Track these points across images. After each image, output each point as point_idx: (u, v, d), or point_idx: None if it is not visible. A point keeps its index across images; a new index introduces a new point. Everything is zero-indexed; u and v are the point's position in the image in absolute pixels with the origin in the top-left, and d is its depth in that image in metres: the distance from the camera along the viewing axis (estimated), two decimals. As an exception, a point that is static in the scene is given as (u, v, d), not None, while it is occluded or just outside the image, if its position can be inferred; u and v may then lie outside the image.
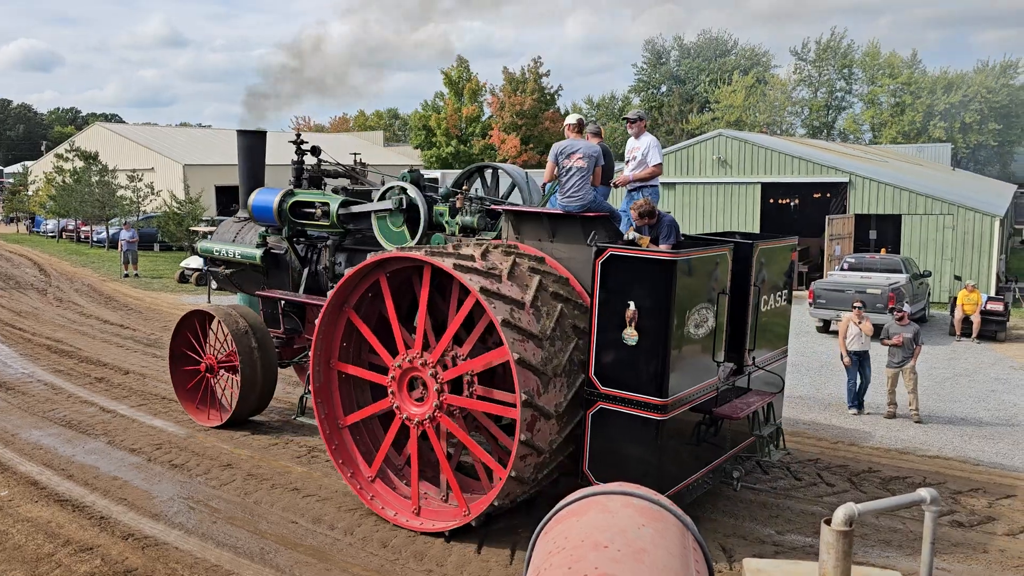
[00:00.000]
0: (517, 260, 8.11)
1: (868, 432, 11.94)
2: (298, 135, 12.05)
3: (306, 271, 11.69)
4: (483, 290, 7.56)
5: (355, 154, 12.26)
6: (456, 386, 8.31)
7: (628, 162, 9.36)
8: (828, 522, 3.35)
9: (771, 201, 29.92)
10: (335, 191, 11.35)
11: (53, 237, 44.29)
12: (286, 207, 11.49)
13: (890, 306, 18.21)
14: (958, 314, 19.06)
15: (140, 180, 37.66)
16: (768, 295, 9.09)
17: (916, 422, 12.31)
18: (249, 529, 8.33)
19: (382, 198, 10.40)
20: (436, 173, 34.44)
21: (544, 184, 9.63)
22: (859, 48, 63.66)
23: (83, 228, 41.38)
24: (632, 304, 7.52)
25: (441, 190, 10.71)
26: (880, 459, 10.76)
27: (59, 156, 40.13)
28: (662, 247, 8.05)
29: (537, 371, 7.51)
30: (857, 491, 9.59)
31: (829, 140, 57.27)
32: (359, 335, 9.03)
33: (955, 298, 19.58)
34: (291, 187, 11.79)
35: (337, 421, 9.17)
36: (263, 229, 12.17)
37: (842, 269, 21.18)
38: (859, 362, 12.80)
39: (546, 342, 7.66)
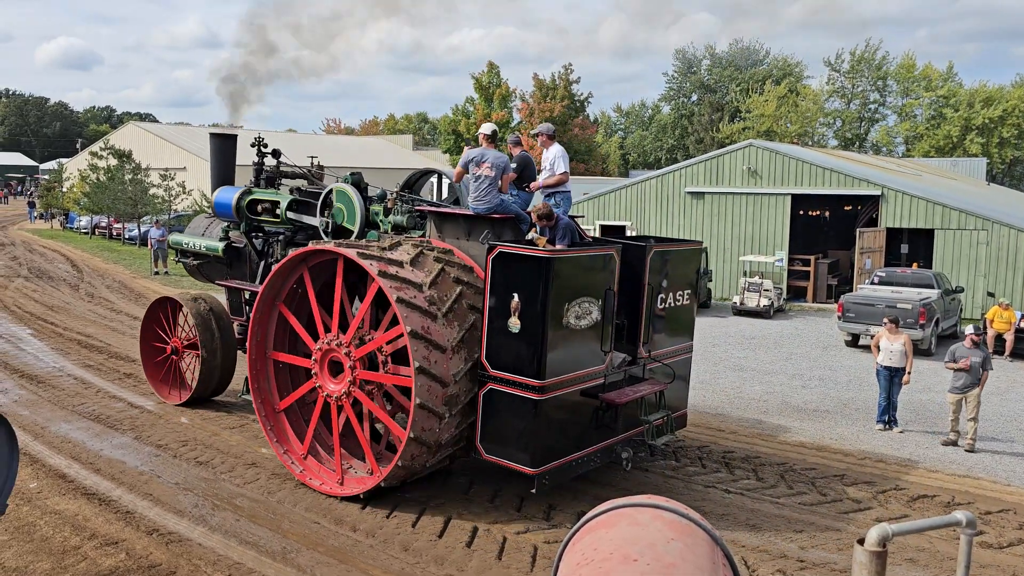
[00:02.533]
0: (403, 242, 9.18)
1: (896, 449, 11.76)
2: (259, 138, 12.68)
3: (262, 263, 12.41)
4: (360, 254, 8.59)
5: (312, 157, 13.19)
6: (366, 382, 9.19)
7: (541, 171, 10.11)
8: (862, 542, 3.29)
9: (801, 213, 29.66)
10: (291, 191, 12.11)
11: (86, 234, 44.92)
12: (243, 204, 12.39)
13: (920, 321, 17.97)
14: (991, 332, 18.74)
15: (172, 179, 38.15)
16: (666, 294, 9.91)
17: (968, 451, 11.75)
18: (272, 528, 8.38)
19: (325, 199, 11.13)
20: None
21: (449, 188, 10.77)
22: (894, 60, 63.00)
23: (115, 225, 41.98)
24: (516, 296, 8.34)
25: (377, 191, 11.33)
26: (907, 476, 10.60)
27: (94, 154, 40.72)
28: (558, 247, 8.81)
29: (419, 309, 8.37)
30: (882, 508, 9.45)
31: (861, 152, 56.68)
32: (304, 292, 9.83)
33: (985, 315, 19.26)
34: (249, 186, 12.65)
35: (265, 351, 10.07)
36: (226, 224, 13.01)
37: (872, 283, 20.92)
38: (890, 378, 12.60)
39: (428, 288, 8.54)
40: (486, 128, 9.85)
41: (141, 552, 7.73)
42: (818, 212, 32.65)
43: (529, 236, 9.15)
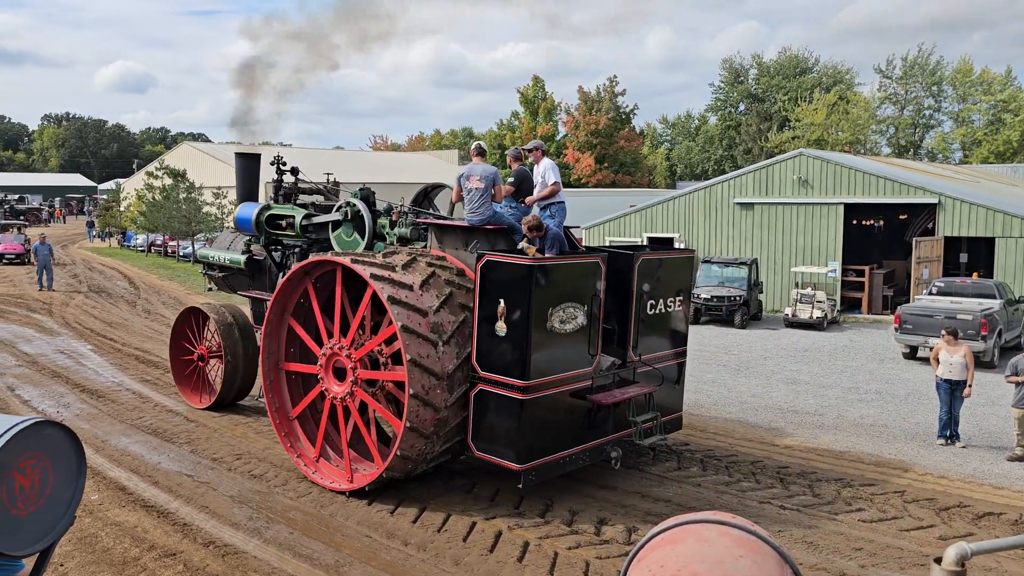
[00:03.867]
0: (406, 252, 9.74)
1: (959, 465, 11.39)
2: (278, 157, 13.32)
3: (281, 275, 12.92)
4: (353, 260, 9.26)
5: (328, 174, 14.00)
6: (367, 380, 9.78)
7: (535, 186, 10.53)
8: (939, 561, 3.18)
9: (854, 222, 29.07)
10: (305, 206, 12.84)
11: (142, 251, 46.11)
12: (263, 219, 13.05)
13: (982, 333, 17.45)
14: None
15: (224, 197, 38.97)
16: (656, 301, 10.30)
17: None
18: (325, 541, 8.44)
19: (337, 212, 11.76)
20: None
21: (452, 203, 11.38)
22: (949, 64, 61.62)
23: (170, 243, 43.01)
24: (502, 301, 8.81)
25: (383, 205, 11.82)
26: (972, 493, 10.25)
27: (150, 174, 41.83)
28: (547, 255, 9.30)
29: (394, 282, 9.01)
30: (946, 526, 9.15)
31: (916, 159, 55.45)
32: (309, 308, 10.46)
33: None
34: (269, 202, 13.39)
35: (278, 363, 10.70)
36: (248, 238, 13.70)
37: (930, 293, 20.39)
38: (951, 391, 12.24)
39: (420, 291, 9.11)
40: (473, 145, 10.53)
41: (198, 564, 7.85)
42: (872, 221, 32.00)
43: (520, 246, 9.60)
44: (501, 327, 8.84)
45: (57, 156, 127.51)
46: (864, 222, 31.47)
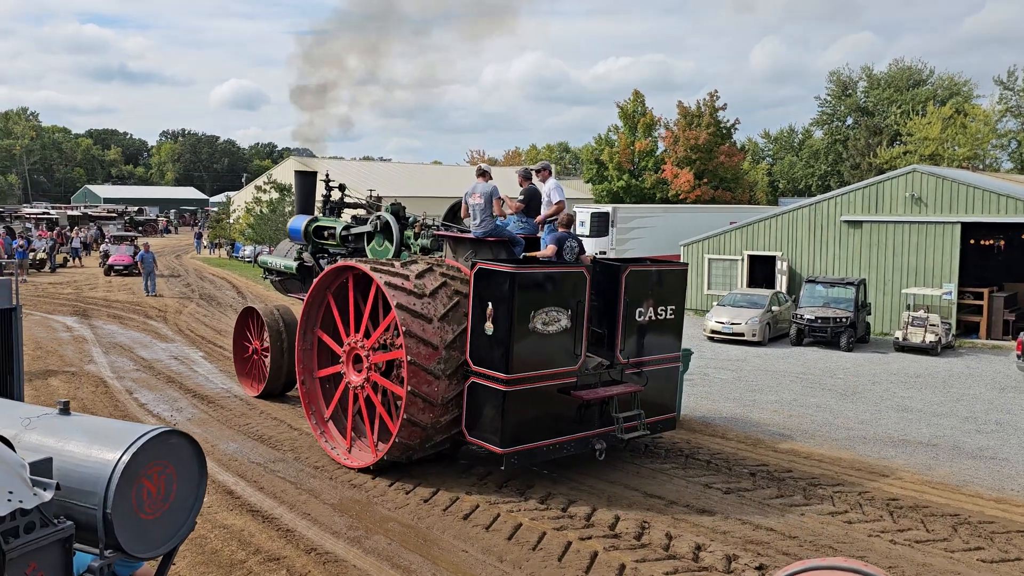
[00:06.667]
0: (424, 262, 10.89)
1: (1090, 504, 10.60)
2: (327, 175, 15.06)
3: None
4: (386, 282, 10.28)
5: (371, 190, 15.54)
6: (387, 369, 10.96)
7: (543, 203, 11.58)
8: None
9: (972, 242, 27.59)
10: (352, 219, 14.21)
11: (250, 262, 47.88)
12: (310, 230, 14.71)
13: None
14: None
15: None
16: (646, 308, 11.12)
17: None
18: (422, 554, 8.52)
19: (373, 225, 13.07)
20: (607, 208, 34.47)
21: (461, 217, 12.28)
22: (1076, 75, 57.89)
23: (276, 254, 44.54)
24: (490, 304, 9.92)
25: (410, 219, 13.03)
26: (1106, 537, 9.51)
27: (258, 188, 43.49)
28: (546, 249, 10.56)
29: (403, 289, 10.16)
30: (1078, 571, 8.52)
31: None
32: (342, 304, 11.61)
33: None
34: (317, 214, 15.00)
35: (314, 327, 12.01)
36: (300, 247, 15.16)
37: (1056, 319, 19.14)
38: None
39: (427, 298, 10.23)
40: (477, 167, 11.59)
41: (300, 570, 8.05)
42: (992, 241, 30.34)
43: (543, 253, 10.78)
44: (489, 327, 9.92)
45: (173, 170, 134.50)
46: (983, 242, 29.86)
